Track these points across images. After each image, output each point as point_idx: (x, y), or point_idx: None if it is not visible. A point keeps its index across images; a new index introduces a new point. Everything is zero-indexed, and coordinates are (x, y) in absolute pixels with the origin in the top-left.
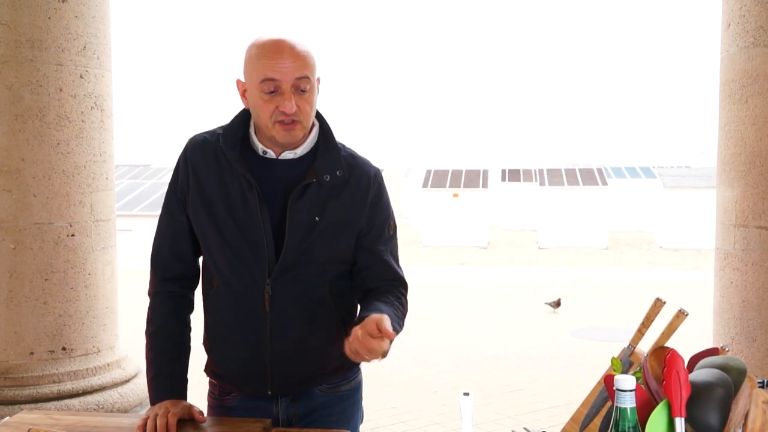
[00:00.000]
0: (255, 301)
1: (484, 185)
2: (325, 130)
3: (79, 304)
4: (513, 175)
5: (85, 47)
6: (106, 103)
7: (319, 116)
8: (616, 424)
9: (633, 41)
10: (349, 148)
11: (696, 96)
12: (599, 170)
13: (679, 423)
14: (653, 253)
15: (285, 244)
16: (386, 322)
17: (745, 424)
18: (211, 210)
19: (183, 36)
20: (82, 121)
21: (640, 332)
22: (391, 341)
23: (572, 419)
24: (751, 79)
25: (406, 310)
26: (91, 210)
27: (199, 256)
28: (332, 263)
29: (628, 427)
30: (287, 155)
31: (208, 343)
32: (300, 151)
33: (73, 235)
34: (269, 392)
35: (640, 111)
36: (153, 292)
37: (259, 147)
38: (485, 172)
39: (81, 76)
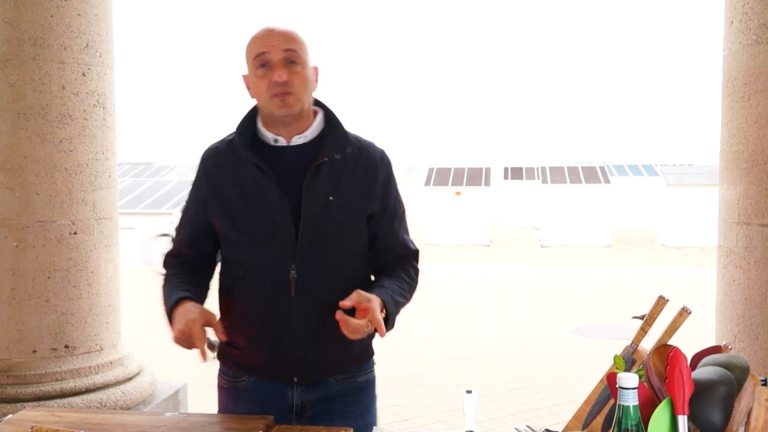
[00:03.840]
0: (281, 287)
1: (487, 183)
2: (329, 115)
3: (82, 302)
4: (515, 172)
5: (87, 45)
6: (109, 100)
7: (322, 105)
8: (619, 422)
9: (636, 38)
10: (354, 133)
11: (699, 94)
12: (602, 168)
13: (682, 421)
14: (656, 251)
15: (301, 223)
16: (372, 314)
17: (747, 422)
18: (229, 212)
19: (186, 33)
20: (85, 119)
21: (643, 330)
22: (389, 321)
23: (575, 417)
24: (753, 77)
25: (415, 279)
26: (93, 208)
27: (213, 252)
28: (350, 244)
29: (631, 425)
30: (297, 140)
31: (233, 336)
32: (309, 134)
33: (75, 233)
34: (295, 379)
35: (643, 109)
36: (167, 265)
37: (269, 136)
38: (488, 169)
39: (83, 74)
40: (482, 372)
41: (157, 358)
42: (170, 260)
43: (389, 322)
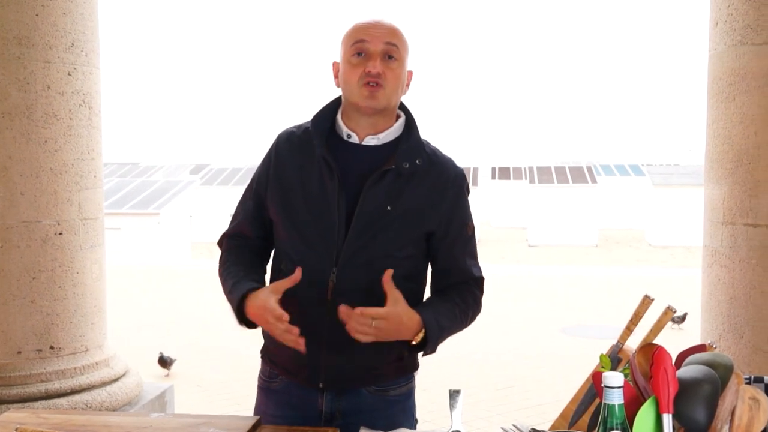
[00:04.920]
0: (319, 288)
1: (474, 183)
2: (410, 122)
3: (67, 302)
4: (503, 173)
5: (73, 44)
6: (94, 100)
7: (406, 110)
8: (604, 421)
9: (622, 39)
10: (434, 146)
11: (685, 94)
12: (589, 168)
13: (667, 419)
14: (642, 250)
15: (350, 228)
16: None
17: (731, 420)
18: (287, 198)
19: (173, 33)
20: (70, 118)
21: (629, 329)
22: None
23: (561, 416)
24: (738, 78)
25: (472, 306)
26: (79, 208)
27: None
28: (400, 259)
29: (616, 424)
30: (370, 140)
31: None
32: (383, 137)
33: (60, 234)
34: (321, 384)
35: (630, 109)
36: (224, 249)
37: (344, 130)
38: (475, 169)
39: (69, 74)
40: (469, 371)
41: (144, 359)
42: (228, 242)
43: (428, 346)
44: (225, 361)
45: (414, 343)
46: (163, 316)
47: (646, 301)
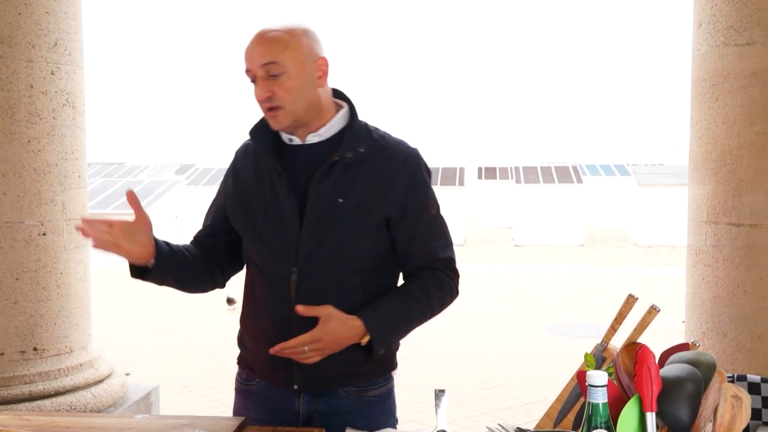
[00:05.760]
0: (283, 289)
1: (461, 183)
2: (352, 111)
3: (51, 303)
4: (489, 172)
5: (56, 43)
6: (78, 100)
7: (345, 98)
8: (589, 420)
9: (608, 40)
10: (383, 131)
11: (669, 95)
12: (574, 168)
13: (650, 417)
14: (628, 250)
15: (303, 225)
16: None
17: (714, 418)
18: (245, 208)
19: (158, 33)
20: (54, 118)
21: (613, 328)
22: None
23: (546, 415)
24: (721, 78)
25: (437, 293)
26: (63, 208)
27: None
28: (362, 251)
29: (600, 423)
30: (312, 139)
31: (242, 333)
32: (324, 132)
33: (44, 234)
34: (295, 386)
35: (615, 109)
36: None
37: (285, 135)
38: (461, 169)
39: (52, 73)
40: (455, 371)
41: (131, 360)
42: (192, 242)
43: (376, 348)
44: (211, 363)
45: (363, 344)
46: (148, 317)
47: (630, 301)
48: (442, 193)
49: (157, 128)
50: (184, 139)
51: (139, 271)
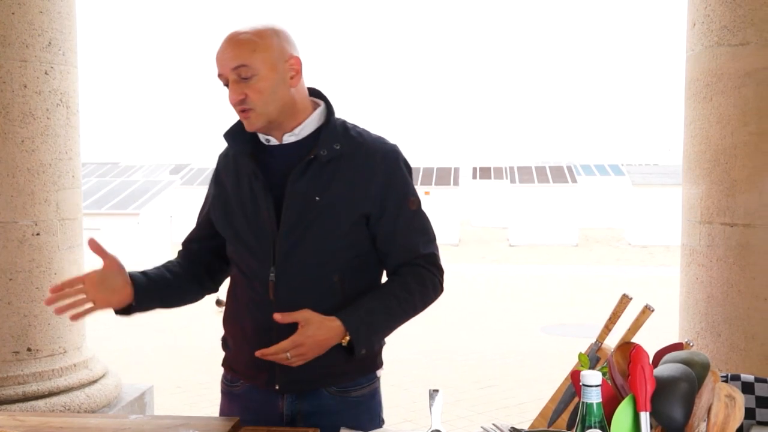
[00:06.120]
0: (262, 289)
1: (455, 183)
2: (328, 109)
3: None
4: (484, 172)
5: (50, 43)
6: (72, 99)
7: (322, 96)
8: (583, 419)
9: (603, 40)
10: (361, 128)
11: (664, 95)
12: (569, 168)
13: (644, 417)
14: (622, 249)
15: (280, 224)
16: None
17: (708, 418)
18: (226, 210)
19: (153, 32)
20: (48, 118)
21: (607, 328)
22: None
23: (540, 414)
24: (715, 78)
25: (418, 290)
26: (56, 208)
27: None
28: (340, 250)
29: (595, 422)
30: (288, 139)
31: (226, 335)
32: (300, 131)
33: (38, 234)
34: (277, 387)
35: (609, 109)
36: (178, 255)
37: (262, 137)
38: (456, 169)
39: (46, 73)
40: (450, 371)
41: (125, 361)
42: (180, 251)
43: (357, 347)
44: (205, 363)
45: (344, 344)
46: (142, 317)
47: (624, 300)
48: (436, 192)
49: (152, 128)
50: (178, 139)
51: (122, 310)
